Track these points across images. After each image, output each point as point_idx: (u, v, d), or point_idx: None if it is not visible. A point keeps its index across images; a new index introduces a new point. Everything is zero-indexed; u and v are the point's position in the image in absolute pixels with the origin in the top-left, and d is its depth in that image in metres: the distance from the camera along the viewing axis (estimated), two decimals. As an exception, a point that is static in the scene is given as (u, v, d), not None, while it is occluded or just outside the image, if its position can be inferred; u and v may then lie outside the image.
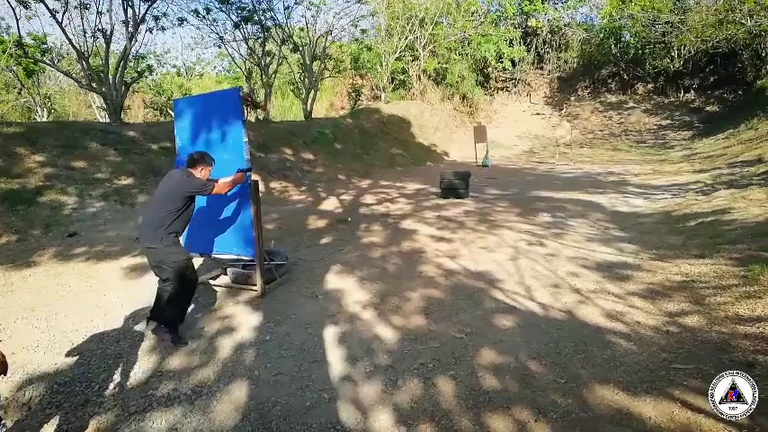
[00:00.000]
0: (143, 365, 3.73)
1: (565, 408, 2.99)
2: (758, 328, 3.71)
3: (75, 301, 5.00)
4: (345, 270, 5.74)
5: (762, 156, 10.69)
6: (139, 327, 4.22)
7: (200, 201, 5.22)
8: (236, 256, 5.20)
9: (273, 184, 11.73)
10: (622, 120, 24.88)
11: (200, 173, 4.16)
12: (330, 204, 10.20)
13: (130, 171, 9.55)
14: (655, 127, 23.34)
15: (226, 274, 5.52)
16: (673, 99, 25.08)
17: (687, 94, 24.76)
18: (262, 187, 10.62)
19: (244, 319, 4.53)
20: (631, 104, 25.99)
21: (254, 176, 5.20)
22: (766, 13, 13.85)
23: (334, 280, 5.43)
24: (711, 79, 24.59)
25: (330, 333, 4.19)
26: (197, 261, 5.94)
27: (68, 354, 3.89)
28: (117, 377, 3.57)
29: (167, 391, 3.39)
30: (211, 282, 5.47)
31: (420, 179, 13.84)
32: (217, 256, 5.34)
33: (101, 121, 16.91)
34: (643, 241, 6.61)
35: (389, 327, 4.27)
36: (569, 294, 4.83)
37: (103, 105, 14.15)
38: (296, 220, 8.53)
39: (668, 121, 23.39)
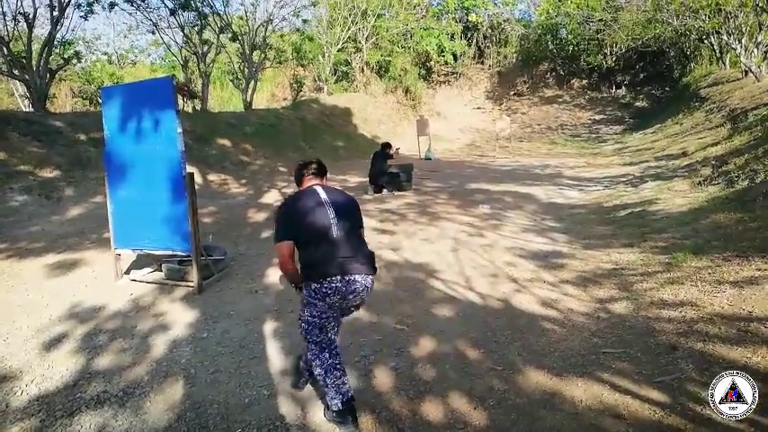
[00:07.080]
0: (70, 367, 3.54)
1: (501, 394, 3.07)
2: (681, 312, 3.92)
3: (-6, 301, 4.69)
4: (286, 264, 5.65)
5: (685, 149, 11.32)
6: None
7: (132, 193, 5.01)
8: (171, 252, 5.01)
9: (212, 177, 11.38)
10: (559, 114, 25.70)
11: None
12: (271, 197, 10.00)
13: (56, 163, 9.02)
14: (589, 121, 24.24)
15: (161, 270, 5.31)
16: (605, 95, 26.14)
17: (619, 90, 25.87)
18: (199, 179, 10.30)
19: (179, 317, 4.38)
20: (567, 99, 26.89)
21: (191, 168, 5.03)
22: (691, 14, 14.62)
23: (275, 275, 5.30)
24: (641, 76, 25.80)
25: (270, 328, 4.12)
26: (130, 257, 5.69)
27: (-14, 358, 3.64)
28: (42, 380, 3.37)
29: (96, 392, 3.23)
30: (145, 278, 5.25)
31: (363, 172, 13.71)
32: (151, 251, 5.14)
33: (24, 110, 15.86)
34: (576, 231, 6.87)
35: (331, 320, 4.23)
36: (507, 283, 4.96)
37: (27, 94, 13.28)
38: (236, 214, 8.32)
39: (601, 116, 24.35)
